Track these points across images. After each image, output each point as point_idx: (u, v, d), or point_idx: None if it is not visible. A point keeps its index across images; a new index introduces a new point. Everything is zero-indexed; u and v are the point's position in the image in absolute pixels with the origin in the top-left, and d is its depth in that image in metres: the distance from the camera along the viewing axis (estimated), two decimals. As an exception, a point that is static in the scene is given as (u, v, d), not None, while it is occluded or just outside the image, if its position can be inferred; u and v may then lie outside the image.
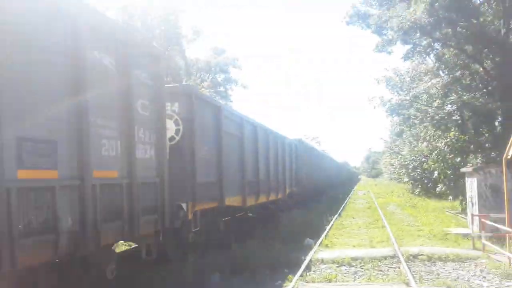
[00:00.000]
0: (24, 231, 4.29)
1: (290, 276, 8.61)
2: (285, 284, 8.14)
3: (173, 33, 40.19)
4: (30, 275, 4.82)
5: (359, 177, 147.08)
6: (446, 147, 23.16)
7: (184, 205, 8.54)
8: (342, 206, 27.09)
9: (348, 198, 36.11)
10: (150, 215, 6.80)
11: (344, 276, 8.94)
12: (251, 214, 14.97)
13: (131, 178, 6.19)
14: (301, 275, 8.65)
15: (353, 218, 20.41)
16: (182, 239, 8.90)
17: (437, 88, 20.47)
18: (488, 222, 11.13)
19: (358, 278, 8.81)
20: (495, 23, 19.98)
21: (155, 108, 7.14)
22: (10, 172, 4.11)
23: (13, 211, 4.12)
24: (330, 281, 8.47)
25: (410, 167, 35.44)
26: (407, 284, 8.00)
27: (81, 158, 5.17)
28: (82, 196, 5.14)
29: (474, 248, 11.25)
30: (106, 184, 5.66)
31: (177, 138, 8.74)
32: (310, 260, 10.08)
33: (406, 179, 40.19)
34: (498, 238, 11.35)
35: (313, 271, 9.28)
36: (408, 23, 17.30)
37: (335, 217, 19.85)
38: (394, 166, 49.97)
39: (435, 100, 21.12)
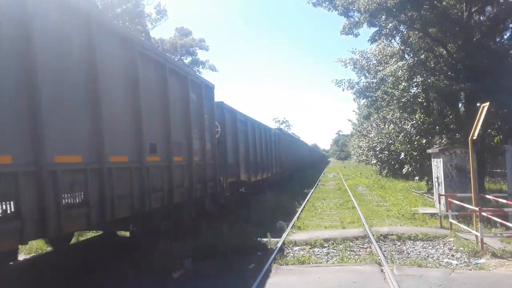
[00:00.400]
0: (175, 185, 9.00)
1: (263, 259, 8.60)
2: (258, 268, 8.11)
3: (135, 13, 38.89)
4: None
5: (329, 159, 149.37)
6: (412, 129, 23.61)
7: (221, 178, 13.06)
8: (313, 188, 27.40)
9: (318, 180, 36.55)
10: (211, 182, 11.72)
11: (317, 258, 9.01)
12: (244, 190, 18.21)
13: (204, 161, 11.12)
14: (275, 258, 8.65)
15: (324, 199, 20.66)
16: (219, 201, 13.30)
17: (402, 71, 20.66)
18: (454, 201, 11.43)
19: (331, 259, 8.89)
20: (458, 6, 20.33)
21: (210, 119, 12.09)
22: (170, 158, 8.80)
23: (174, 176, 8.88)
24: (303, 263, 8.52)
25: (378, 149, 36.07)
26: (379, 264, 8.12)
27: (189, 150, 10.01)
28: (190, 170, 9.94)
29: (442, 227, 11.58)
30: (197, 164, 10.45)
31: (217, 136, 13.00)
32: (283, 243, 10.12)
33: (374, 161, 40.92)
34: (465, 217, 11.74)
35: (286, 254, 9.32)
36: (375, 4, 17.30)
37: (307, 199, 20.04)
38: (362, 149, 50.80)
39: (401, 83, 21.34)
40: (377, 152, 36.47)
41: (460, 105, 21.91)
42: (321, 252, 9.52)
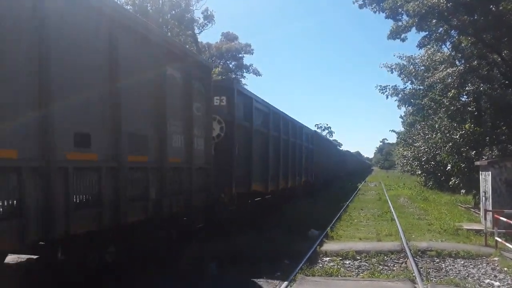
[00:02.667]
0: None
1: (290, 268, 8.28)
2: (283, 276, 7.77)
3: (184, 18, 39.57)
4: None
5: (372, 168, 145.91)
6: (461, 139, 22.42)
7: None
8: (351, 197, 26.64)
9: (358, 189, 35.59)
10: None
11: (347, 270, 8.54)
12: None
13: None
14: (301, 268, 8.27)
15: (362, 209, 19.93)
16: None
17: (452, 78, 19.64)
18: (501, 218, 10.58)
19: (361, 273, 8.39)
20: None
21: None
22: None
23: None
24: (331, 275, 8.07)
25: (423, 159, 34.57)
26: (413, 281, 7.56)
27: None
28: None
29: (487, 245, 10.71)
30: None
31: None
32: (313, 252, 9.72)
33: (419, 172, 39.32)
34: (512, 235, 10.84)
35: (315, 264, 8.89)
36: (425, 7, 16.53)
37: (343, 208, 19.42)
38: (407, 158, 48.96)
39: (451, 91, 20.31)
40: (423, 163, 34.94)
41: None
42: (352, 265, 9.02)
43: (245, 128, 12.15)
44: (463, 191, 24.28)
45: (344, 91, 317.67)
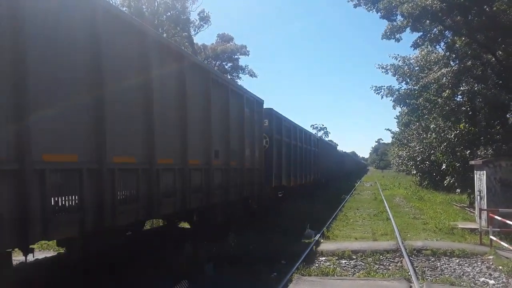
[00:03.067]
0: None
1: (287, 268, 8.30)
2: (280, 277, 7.80)
3: (180, 20, 39.50)
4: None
5: (367, 168, 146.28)
6: (456, 139, 22.53)
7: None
8: (348, 196, 26.72)
9: (354, 189, 35.68)
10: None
11: (343, 270, 8.58)
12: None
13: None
14: (298, 268, 8.30)
15: (357, 209, 20.01)
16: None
17: (447, 78, 19.73)
18: (496, 217, 10.66)
19: (357, 272, 8.43)
20: (508, 12, 19.19)
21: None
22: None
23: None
24: (327, 274, 8.11)
25: (419, 159, 34.72)
26: (408, 280, 7.61)
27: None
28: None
29: (481, 243, 10.79)
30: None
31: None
32: (309, 252, 9.75)
33: (414, 171, 39.48)
34: (507, 234, 10.92)
35: (311, 264, 8.92)
36: (419, 9, 16.61)
37: (339, 208, 19.47)
38: (402, 158, 49.16)
39: (445, 91, 20.41)
40: (418, 162, 35.08)
41: (508, 115, 20.69)
42: (348, 264, 9.06)
43: (278, 141, 16.60)
44: (458, 190, 24.41)
45: (340, 91, 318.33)
